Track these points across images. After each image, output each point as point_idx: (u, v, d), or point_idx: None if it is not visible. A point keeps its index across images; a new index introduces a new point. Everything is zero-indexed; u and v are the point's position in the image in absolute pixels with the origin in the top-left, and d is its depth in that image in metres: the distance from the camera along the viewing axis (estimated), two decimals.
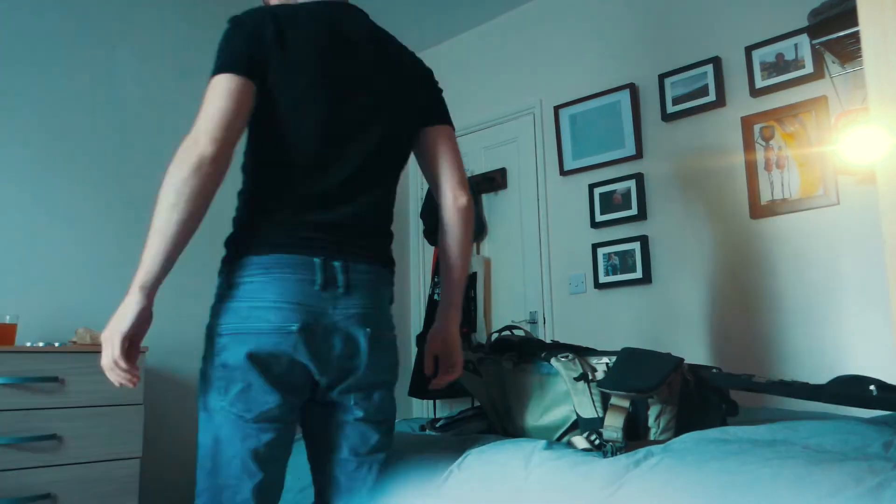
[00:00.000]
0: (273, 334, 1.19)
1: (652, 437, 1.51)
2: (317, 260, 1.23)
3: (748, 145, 2.59)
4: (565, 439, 1.55)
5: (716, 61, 2.72)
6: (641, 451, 1.29)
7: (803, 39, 2.47)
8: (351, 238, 1.28)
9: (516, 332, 2.04)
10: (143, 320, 1.20)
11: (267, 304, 1.19)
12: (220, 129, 1.17)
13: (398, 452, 1.46)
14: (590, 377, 1.61)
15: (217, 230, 3.29)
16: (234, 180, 1.37)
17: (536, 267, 3.25)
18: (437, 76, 1.51)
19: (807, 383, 1.62)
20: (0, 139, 2.47)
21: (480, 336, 3.29)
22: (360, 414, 1.30)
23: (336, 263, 1.24)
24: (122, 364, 1.17)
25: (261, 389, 1.19)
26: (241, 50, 1.23)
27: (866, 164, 2.19)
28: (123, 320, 1.18)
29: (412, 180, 3.83)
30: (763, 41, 2.60)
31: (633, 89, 2.97)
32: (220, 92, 1.21)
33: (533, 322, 3.23)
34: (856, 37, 2.09)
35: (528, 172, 3.35)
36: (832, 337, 2.36)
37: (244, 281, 1.22)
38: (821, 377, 2.38)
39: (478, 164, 3.54)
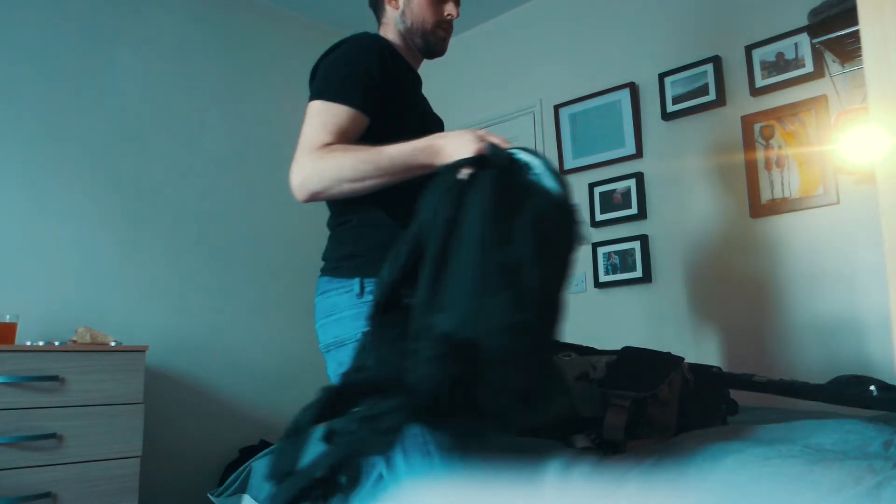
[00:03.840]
0: None
1: (652, 437, 1.51)
2: None
3: (748, 144, 2.59)
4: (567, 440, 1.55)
5: (716, 60, 2.72)
6: (641, 451, 1.30)
7: (803, 39, 2.47)
8: None
9: None
10: None
11: None
12: None
13: None
14: (590, 376, 1.61)
15: (209, 236, 3.28)
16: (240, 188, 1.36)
17: None
18: (437, 75, 1.52)
19: (807, 383, 1.62)
20: (0, 138, 2.47)
21: None
22: None
23: None
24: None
25: None
26: None
27: (866, 164, 2.19)
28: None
29: None
30: (763, 40, 2.59)
31: (633, 88, 2.97)
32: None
33: None
34: (856, 36, 2.09)
35: None
36: (832, 336, 2.36)
37: None
38: (821, 376, 2.38)
39: None
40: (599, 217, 3.01)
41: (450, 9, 1.46)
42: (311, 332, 3.34)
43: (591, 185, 3.05)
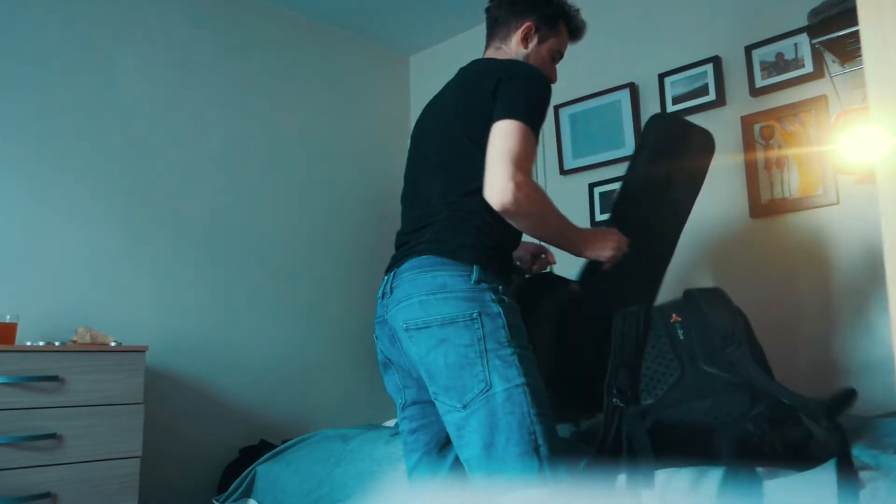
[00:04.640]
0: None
1: None
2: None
3: (748, 145, 2.60)
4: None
5: (716, 61, 2.72)
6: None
7: (803, 39, 2.47)
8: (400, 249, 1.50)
9: None
10: None
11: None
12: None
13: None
14: None
15: (209, 236, 3.28)
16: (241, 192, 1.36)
17: None
18: (436, 77, 1.55)
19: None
20: (0, 137, 2.47)
21: None
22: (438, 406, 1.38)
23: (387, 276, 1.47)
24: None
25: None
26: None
27: (866, 164, 2.19)
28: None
29: None
30: (763, 41, 2.59)
31: (633, 88, 2.97)
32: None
33: None
34: (856, 36, 2.09)
35: None
36: (831, 336, 2.36)
37: None
38: (819, 375, 2.38)
39: None
40: (600, 217, 3.01)
41: (555, 73, 1.77)
42: (310, 331, 3.34)
43: (591, 186, 3.05)
